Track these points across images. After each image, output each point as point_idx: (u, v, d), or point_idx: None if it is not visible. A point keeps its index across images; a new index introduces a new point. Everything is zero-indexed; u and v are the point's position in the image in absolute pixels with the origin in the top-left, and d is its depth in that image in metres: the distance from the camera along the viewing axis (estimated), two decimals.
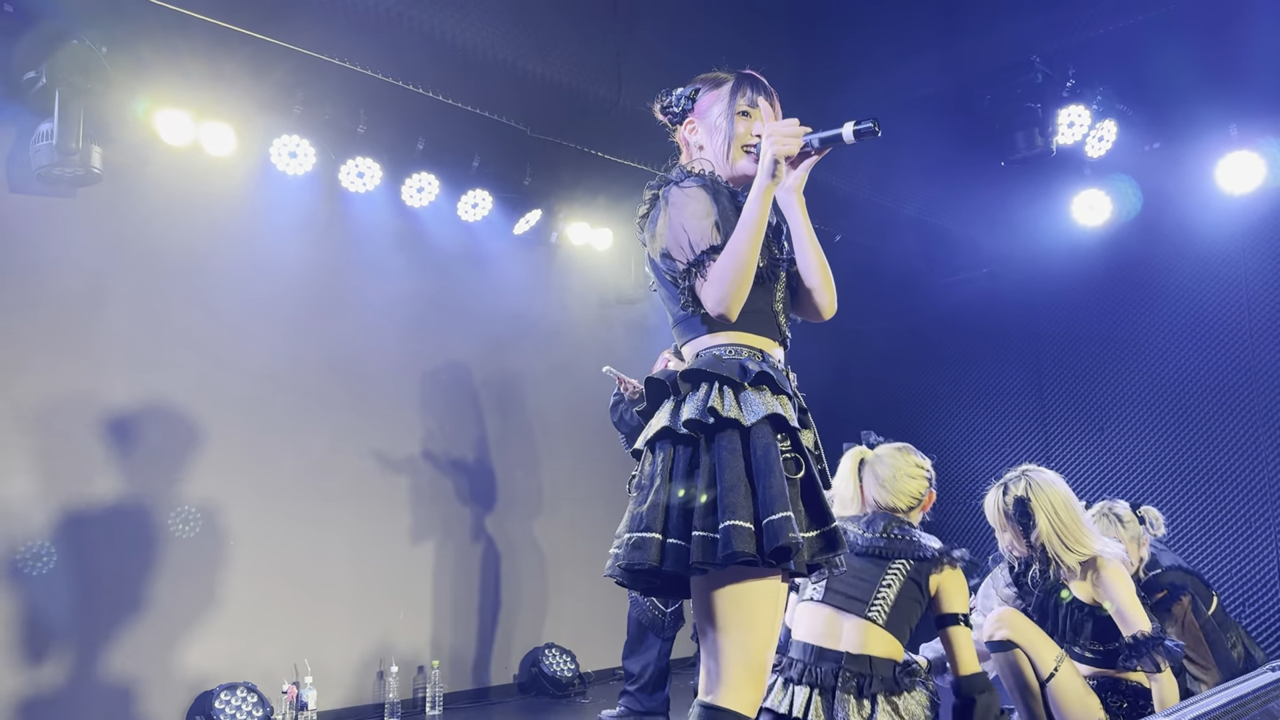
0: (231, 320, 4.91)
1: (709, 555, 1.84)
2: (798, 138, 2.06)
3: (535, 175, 5.66)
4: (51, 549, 4.29)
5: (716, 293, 1.98)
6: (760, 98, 2.23)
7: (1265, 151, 5.25)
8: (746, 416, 1.93)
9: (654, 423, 2.05)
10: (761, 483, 1.87)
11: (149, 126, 4.48)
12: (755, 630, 1.92)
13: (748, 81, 2.26)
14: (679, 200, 2.10)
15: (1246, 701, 1.24)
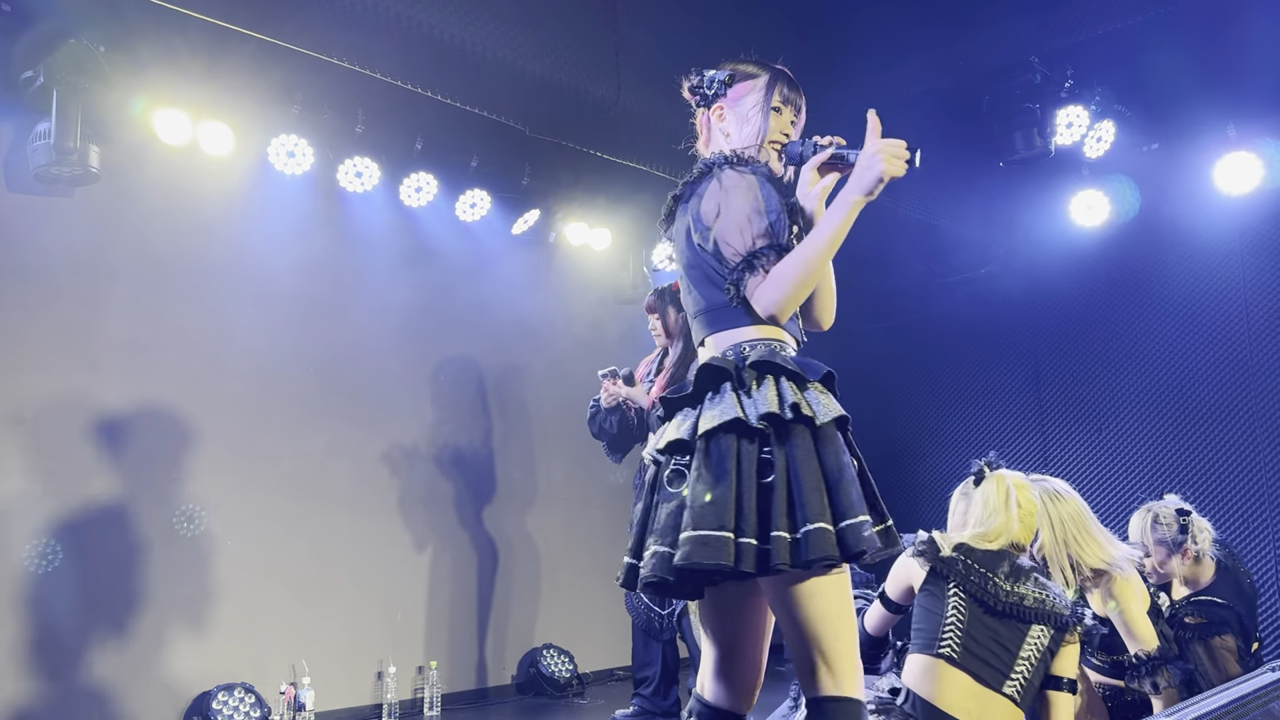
0: (229, 320, 4.90)
1: (795, 558, 1.80)
2: (903, 160, 2.01)
3: (534, 175, 5.66)
4: (48, 549, 4.28)
5: (775, 294, 1.94)
6: (794, 96, 2.23)
7: (1263, 152, 5.25)
8: (819, 415, 1.90)
9: (716, 413, 1.93)
10: (836, 484, 1.84)
11: (147, 126, 4.47)
12: (850, 619, 1.91)
13: (783, 79, 2.24)
14: (739, 186, 2.04)
15: (1248, 701, 1.24)
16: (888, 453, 7.11)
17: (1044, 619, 2.55)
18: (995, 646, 2.54)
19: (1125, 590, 2.93)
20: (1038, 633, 2.54)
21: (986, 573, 2.57)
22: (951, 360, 6.99)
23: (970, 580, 2.56)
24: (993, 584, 2.56)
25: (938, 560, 2.60)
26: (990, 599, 2.54)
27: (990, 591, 2.54)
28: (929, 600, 2.61)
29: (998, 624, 2.55)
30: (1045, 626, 2.55)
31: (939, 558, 2.61)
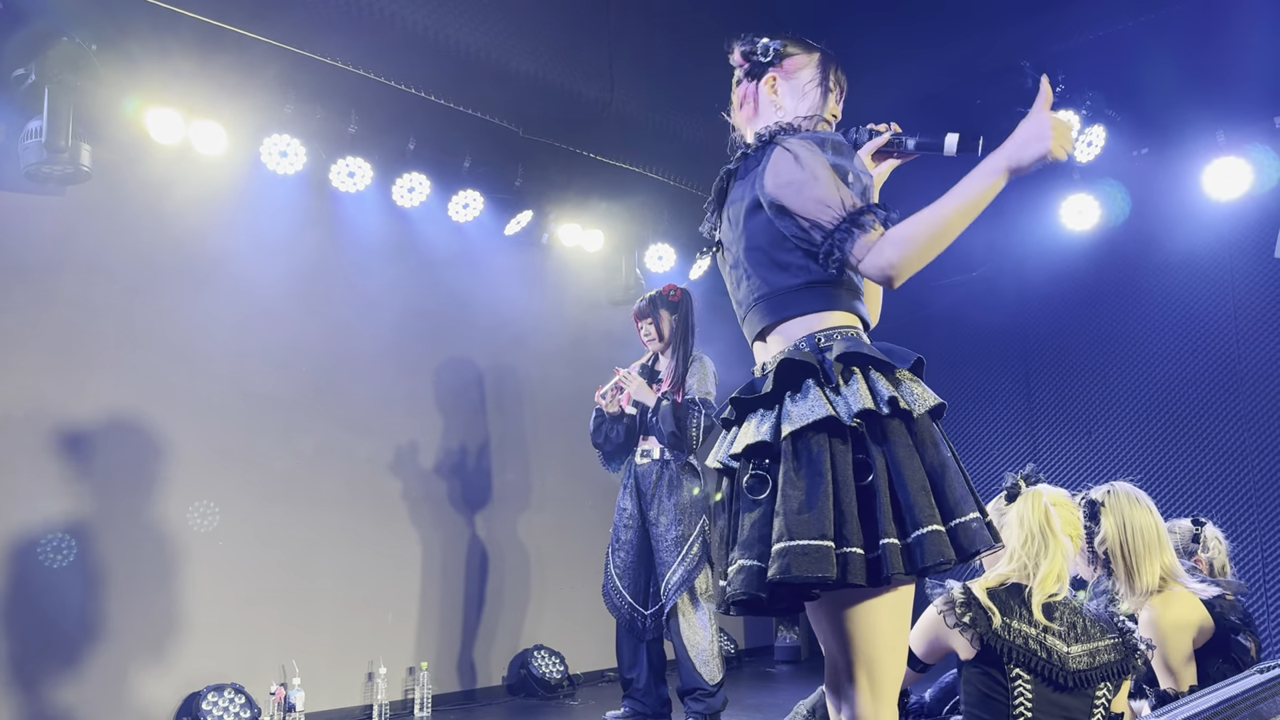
0: (221, 320, 4.89)
1: (910, 565, 1.65)
2: (1070, 144, 1.79)
3: (527, 176, 5.66)
4: (38, 550, 4.27)
5: (897, 254, 1.77)
6: (843, 80, 2.12)
7: (1252, 157, 5.28)
8: (916, 407, 1.77)
9: (803, 411, 1.76)
10: (940, 480, 1.70)
11: (139, 124, 4.46)
12: (904, 641, 1.77)
13: (835, 61, 2.13)
14: (814, 152, 1.87)
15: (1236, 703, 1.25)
16: None
17: (1108, 675, 2.29)
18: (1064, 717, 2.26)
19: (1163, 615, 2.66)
20: (1102, 690, 2.30)
21: (1048, 642, 2.24)
22: (942, 362, 7.01)
23: (1035, 656, 2.22)
24: (1057, 655, 2.23)
25: (991, 635, 2.23)
26: (1058, 674, 2.22)
27: (1057, 665, 2.22)
28: (986, 684, 2.26)
29: (1067, 698, 2.25)
30: (1109, 682, 2.30)
31: (993, 632, 2.23)
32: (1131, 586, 2.69)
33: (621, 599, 4.63)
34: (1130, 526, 2.72)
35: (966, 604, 2.26)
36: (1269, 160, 5.25)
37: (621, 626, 4.66)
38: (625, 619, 4.63)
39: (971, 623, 2.23)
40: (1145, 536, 2.71)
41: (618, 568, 4.67)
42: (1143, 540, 2.70)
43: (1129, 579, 2.69)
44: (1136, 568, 2.68)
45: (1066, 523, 2.36)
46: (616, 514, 4.72)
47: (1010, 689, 2.22)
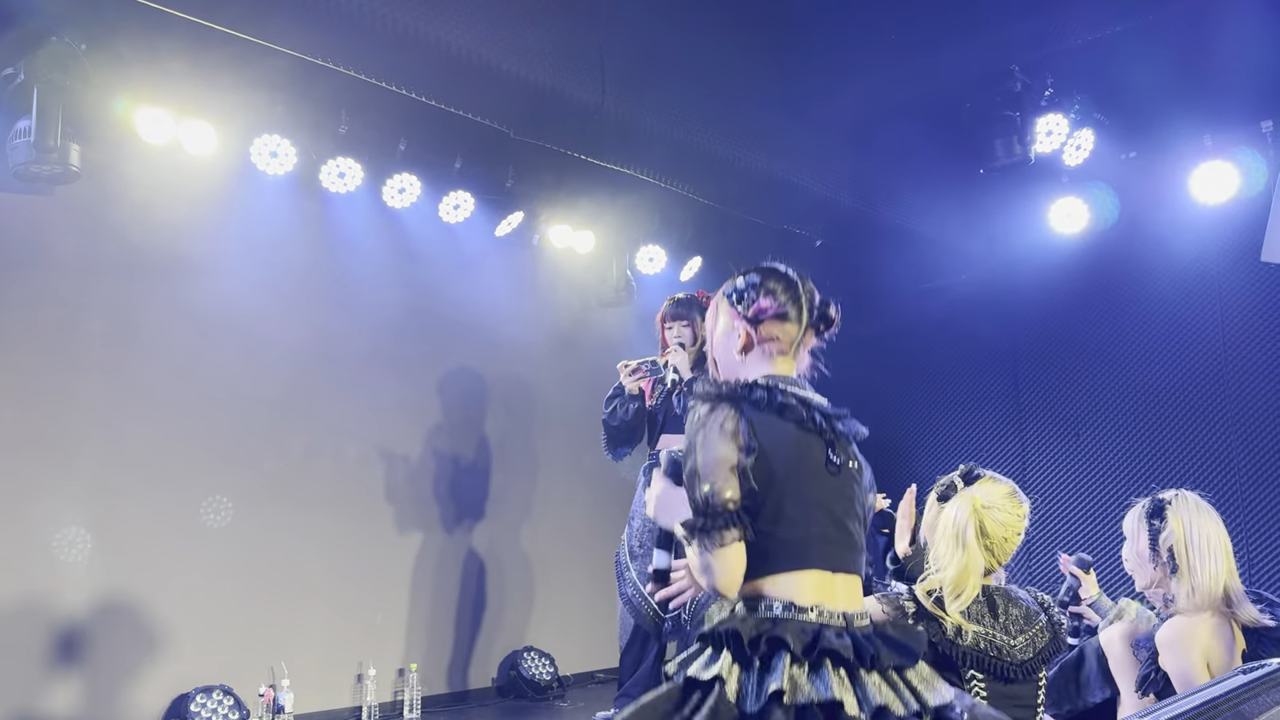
0: (210, 320, 4.87)
1: None
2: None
3: (518, 177, 5.66)
4: (24, 551, 4.24)
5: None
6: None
7: (1239, 161, 5.32)
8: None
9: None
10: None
11: (128, 124, 4.44)
12: None
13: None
14: None
15: (1219, 703, 1.26)
16: (869, 455, 7.14)
17: (1046, 658, 2.35)
18: (1021, 711, 2.30)
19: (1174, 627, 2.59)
20: (1043, 672, 2.36)
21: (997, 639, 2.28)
22: (932, 365, 7.04)
23: (986, 655, 2.26)
24: (1005, 650, 2.28)
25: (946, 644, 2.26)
26: (1008, 669, 2.27)
27: (1006, 660, 2.27)
28: None
29: (1017, 688, 2.30)
30: (1046, 664, 2.37)
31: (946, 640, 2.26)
32: (1194, 586, 2.61)
33: (647, 606, 4.47)
34: (1196, 529, 2.66)
35: (918, 614, 2.26)
36: (1256, 164, 5.28)
37: (641, 632, 4.52)
38: (648, 622, 4.48)
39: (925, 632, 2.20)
40: (1211, 544, 2.65)
41: (641, 574, 4.48)
42: (1208, 546, 2.64)
43: (1190, 579, 2.62)
44: (1199, 570, 2.61)
45: (1003, 524, 2.34)
46: (637, 519, 4.56)
47: (966, 689, 2.25)
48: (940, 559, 2.34)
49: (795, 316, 2.04)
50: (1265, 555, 5.53)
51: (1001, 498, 2.37)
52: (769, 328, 2.03)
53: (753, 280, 2.09)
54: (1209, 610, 2.59)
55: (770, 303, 2.04)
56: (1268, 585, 5.49)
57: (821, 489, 1.92)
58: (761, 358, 2.02)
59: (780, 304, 2.04)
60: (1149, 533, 2.73)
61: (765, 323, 2.03)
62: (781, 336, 2.03)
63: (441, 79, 4.26)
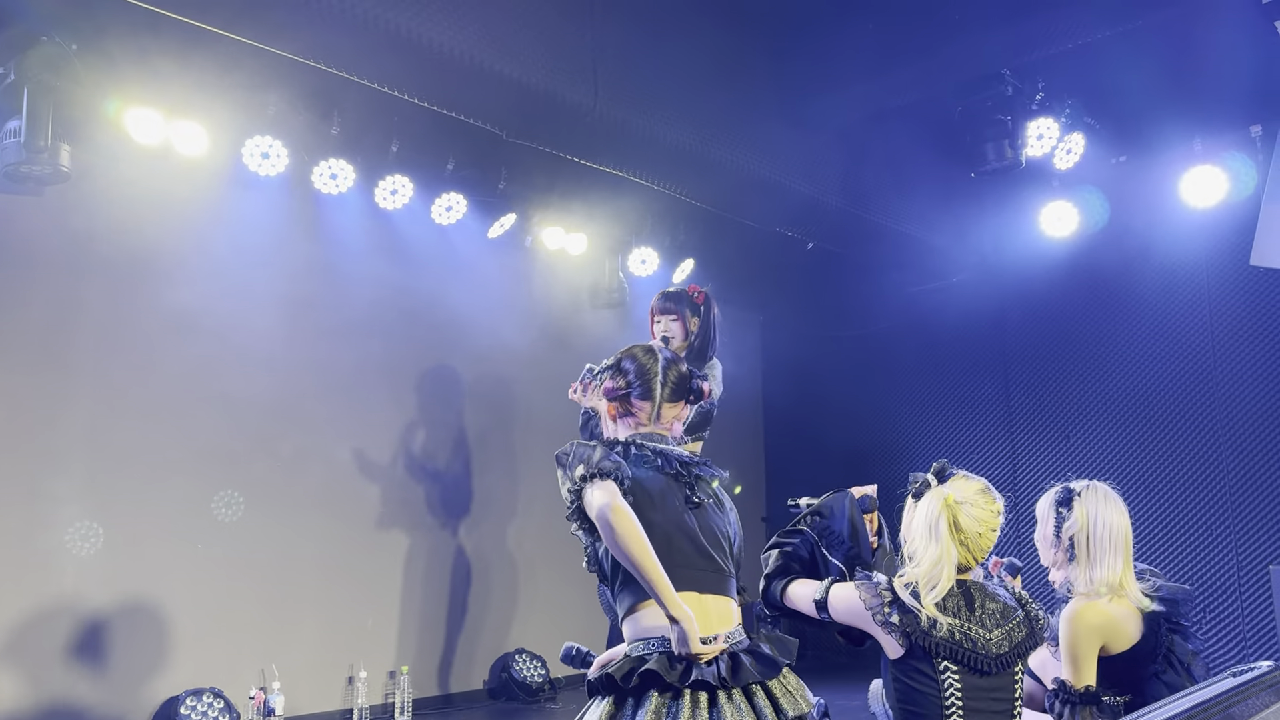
0: (202, 321, 4.86)
1: None
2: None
3: (510, 179, 5.66)
4: (11, 553, 4.22)
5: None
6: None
7: (1228, 166, 5.35)
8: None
9: None
10: None
11: (119, 125, 4.43)
12: None
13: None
14: None
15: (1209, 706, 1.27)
16: (860, 457, 7.17)
17: (1022, 652, 2.37)
18: (996, 705, 2.32)
19: (1067, 616, 2.71)
20: (1019, 667, 2.37)
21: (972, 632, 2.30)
22: (923, 367, 7.06)
23: (961, 648, 2.28)
24: (981, 643, 2.29)
25: (920, 635, 2.27)
26: (983, 662, 2.28)
27: (981, 653, 2.29)
28: (917, 680, 2.30)
29: (992, 681, 2.31)
30: (1022, 658, 2.38)
31: (921, 631, 2.28)
32: (1090, 578, 2.73)
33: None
34: (1100, 520, 2.76)
35: (894, 603, 2.30)
36: (1245, 168, 5.31)
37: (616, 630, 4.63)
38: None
39: (900, 623, 2.27)
40: (1113, 535, 2.75)
41: None
42: (1109, 537, 2.74)
43: (1089, 570, 2.73)
44: (1098, 561, 2.73)
45: (977, 520, 2.38)
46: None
47: (940, 682, 2.28)
48: (915, 552, 2.38)
49: (646, 394, 2.39)
50: (1252, 556, 5.56)
51: (974, 494, 2.41)
52: (624, 404, 2.41)
53: (608, 364, 2.45)
54: (1106, 596, 2.71)
55: (616, 384, 2.41)
56: (1255, 586, 5.52)
57: (685, 523, 2.26)
58: (626, 425, 2.42)
59: (628, 385, 2.40)
60: (1055, 519, 2.84)
61: (618, 400, 2.41)
62: (638, 411, 2.40)
63: (434, 81, 4.26)
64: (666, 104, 4.86)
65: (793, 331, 7.81)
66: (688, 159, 5.06)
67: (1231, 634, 5.55)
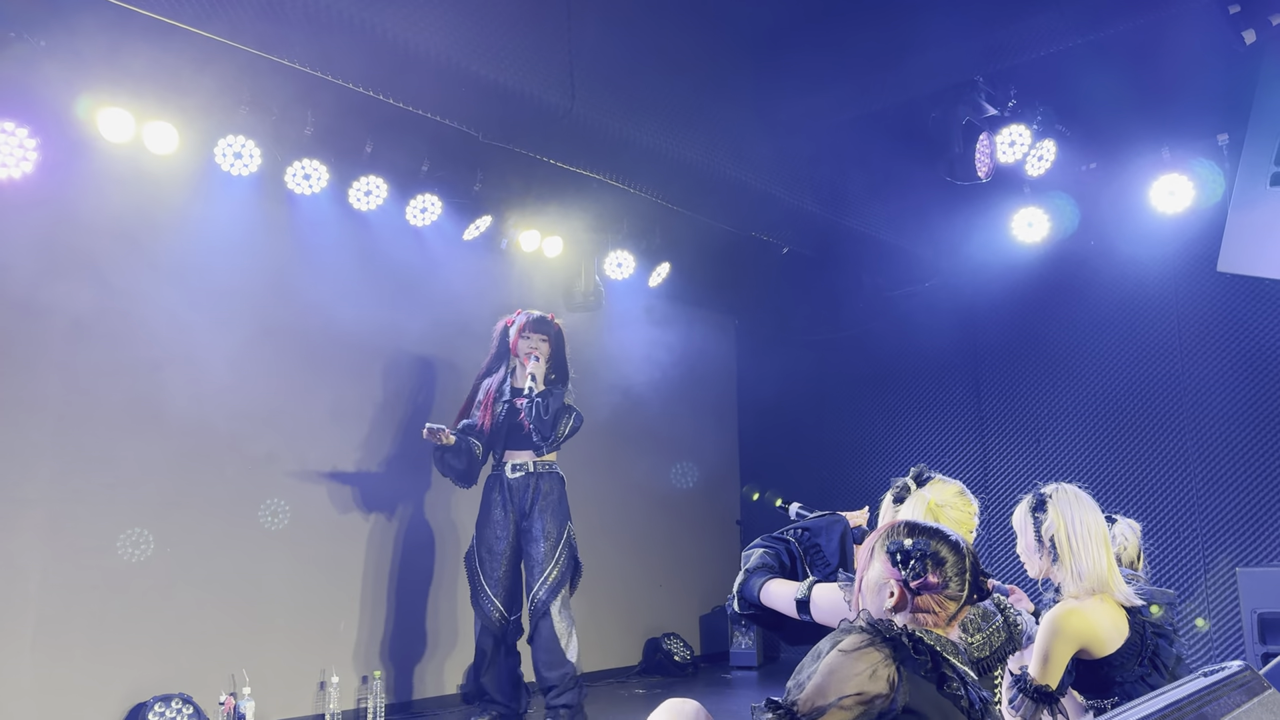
0: (172, 322, 4.80)
1: None
2: None
3: (486, 181, 5.64)
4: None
5: None
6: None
7: (1196, 173, 5.43)
8: None
9: None
10: None
11: (89, 123, 4.37)
12: None
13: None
14: None
15: (1183, 705, 1.29)
16: (831, 460, 7.22)
17: (1002, 656, 2.37)
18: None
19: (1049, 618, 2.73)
20: (1000, 671, 2.38)
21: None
22: (895, 371, 7.11)
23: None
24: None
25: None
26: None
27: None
28: None
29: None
30: (1002, 662, 2.39)
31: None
32: (1078, 573, 2.76)
33: (494, 606, 4.92)
34: (1076, 516, 2.80)
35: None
36: (1212, 176, 5.40)
37: (488, 632, 4.93)
38: (496, 625, 4.92)
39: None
40: (1091, 532, 2.78)
41: (489, 578, 4.97)
42: (1088, 533, 2.78)
43: (1074, 565, 2.76)
44: (1081, 554, 2.76)
45: (956, 522, 2.40)
46: (486, 526, 5.00)
47: None
48: None
49: (955, 594, 1.90)
50: (1218, 558, 5.64)
51: (952, 496, 2.44)
52: (926, 600, 1.89)
53: (915, 548, 1.91)
54: (1095, 594, 2.73)
55: (932, 579, 1.89)
56: (1222, 588, 5.60)
57: None
58: (904, 615, 1.89)
59: (944, 580, 1.89)
60: (1033, 525, 2.87)
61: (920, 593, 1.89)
62: (938, 609, 1.89)
63: (409, 81, 4.24)
64: (643, 107, 4.86)
65: (767, 335, 7.84)
66: (664, 162, 5.07)
67: (1199, 635, 5.63)
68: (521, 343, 5.01)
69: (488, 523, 5.00)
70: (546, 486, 4.97)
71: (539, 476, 4.98)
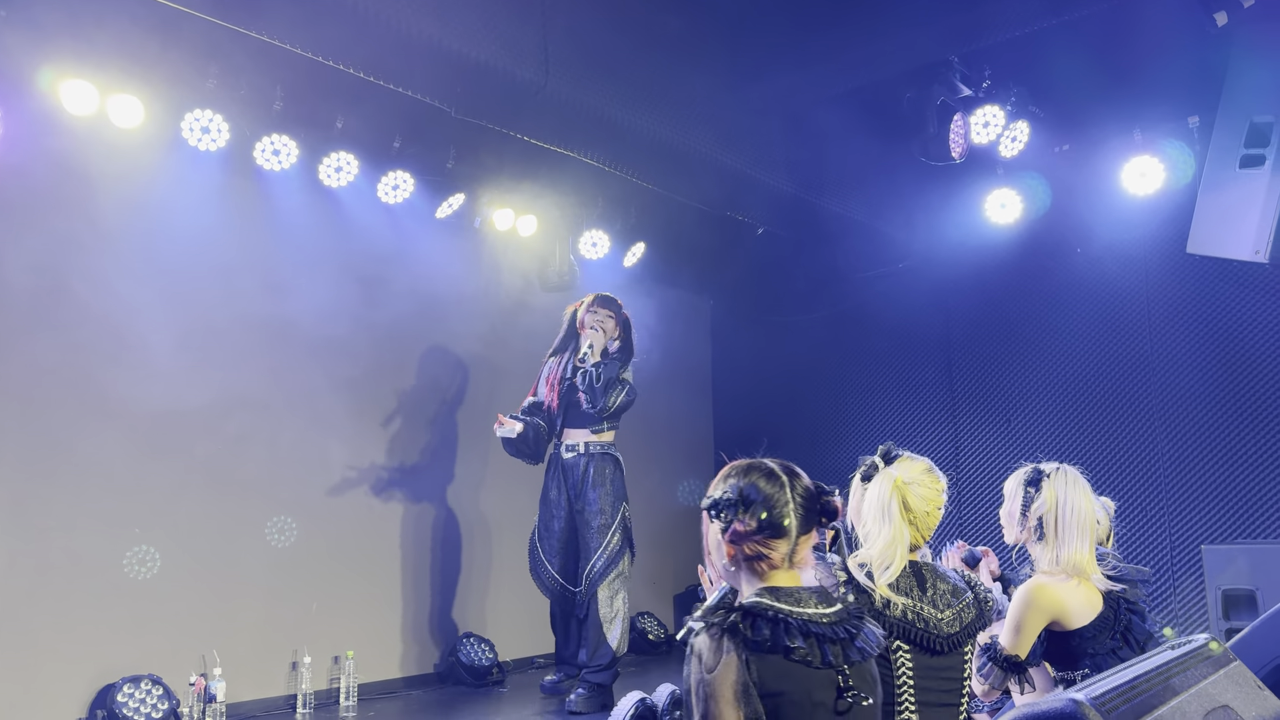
0: (138, 300, 4.72)
1: None
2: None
3: (459, 158, 5.58)
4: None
5: None
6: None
7: (1167, 155, 5.47)
8: None
9: None
10: None
11: (51, 95, 4.28)
12: None
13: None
14: None
15: (1150, 676, 1.30)
16: (805, 440, 7.24)
17: (972, 632, 2.38)
18: (946, 684, 2.32)
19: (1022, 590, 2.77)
20: (969, 647, 2.39)
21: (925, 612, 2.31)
22: (868, 352, 7.14)
23: (914, 628, 2.28)
24: (933, 623, 2.30)
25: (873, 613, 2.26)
26: (934, 641, 2.30)
27: (933, 633, 2.30)
28: None
29: (943, 661, 2.31)
30: (972, 638, 2.40)
31: (874, 610, 2.27)
32: (1057, 557, 2.79)
33: (552, 578, 5.07)
34: (1069, 503, 2.82)
35: (849, 583, 2.31)
36: (1183, 158, 5.43)
37: (555, 604, 5.12)
38: (557, 597, 5.08)
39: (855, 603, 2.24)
40: (1080, 518, 2.81)
41: (548, 552, 5.11)
42: (1076, 520, 2.81)
43: (1056, 549, 2.80)
44: (1065, 541, 2.79)
45: (924, 499, 2.41)
46: (544, 505, 5.14)
47: (893, 662, 2.29)
48: (868, 534, 2.40)
49: (779, 531, 1.84)
50: (1184, 536, 5.72)
51: (920, 473, 2.45)
52: (753, 547, 1.83)
53: (723, 496, 1.86)
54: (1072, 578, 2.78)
55: (746, 525, 1.83)
56: (1187, 566, 5.69)
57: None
58: (750, 575, 1.86)
59: (759, 524, 1.83)
60: (1023, 498, 2.90)
61: (743, 542, 1.84)
62: (771, 553, 1.84)
63: (380, 55, 4.18)
64: (618, 83, 4.83)
65: (742, 316, 7.84)
66: (639, 139, 5.04)
67: (1164, 611, 5.72)
68: (588, 317, 5.06)
69: (545, 501, 5.11)
70: (599, 466, 4.98)
71: (592, 457, 5.01)
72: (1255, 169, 4.92)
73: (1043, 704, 1.14)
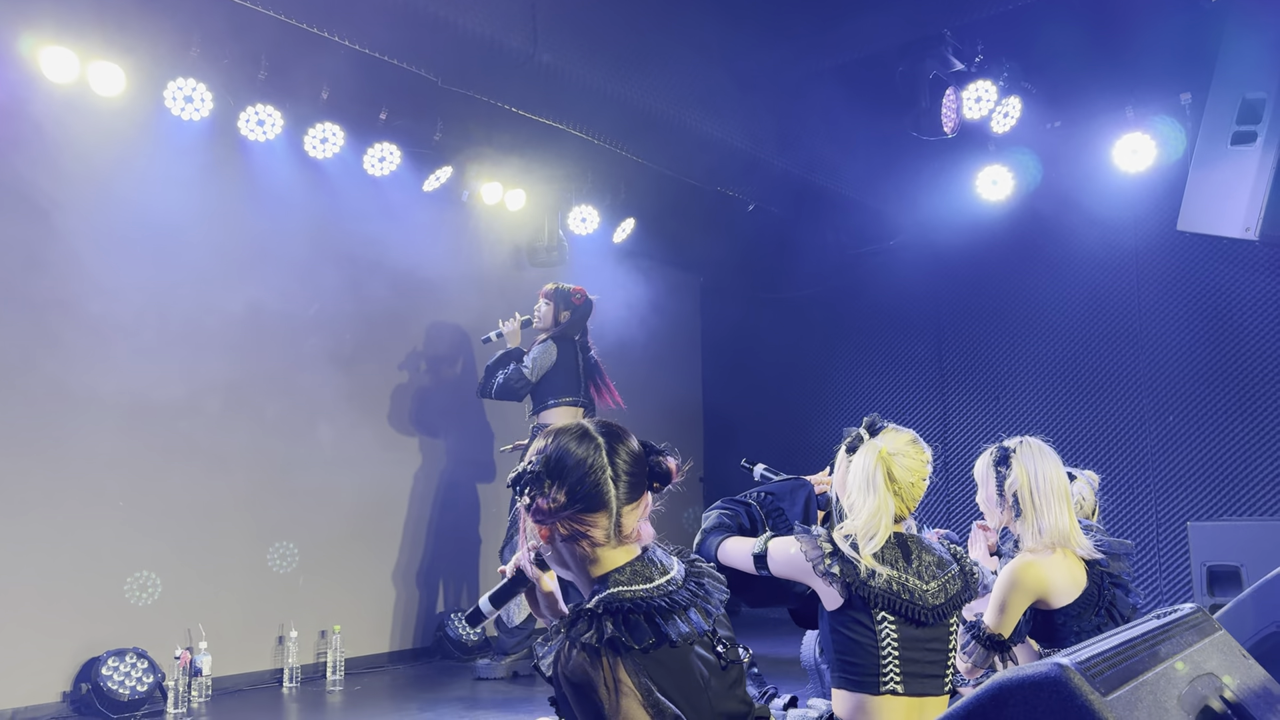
0: (120, 270, 4.67)
1: None
2: None
3: (446, 131, 5.52)
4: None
5: None
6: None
7: (1158, 132, 5.45)
8: None
9: None
10: None
11: (31, 62, 4.21)
12: None
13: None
14: None
15: (1136, 643, 1.30)
16: (796, 416, 7.24)
17: (957, 604, 2.39)
18: (931, 655, 2.34)
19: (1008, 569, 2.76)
20: (954, 619, 2.40)
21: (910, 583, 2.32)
22: (860, 327, 7.13)
23: (899, 599, 2.29)
24: (918, 594, 2.31)
25: (859, 584, 2.28)
26: (920, 612, 2.31)
27: (919, 604, 2.31)
28: (855, 630, 2.31)
29: (928, 633, 2.33)
30: (958, 610, 2.41)
31: (860, 581, 2.28)
32: (1040, 528, 2.78)
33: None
34: (1040, 472, 2.81)
35: (834, 554, 2.32)
36: (1174, 135, 5.42)
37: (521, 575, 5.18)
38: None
39: (840, 574, 2.29)
40: (1055, 488, 2.80)
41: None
42: (1051, 490, 2.79)
43: (1036, 521, 2.78)
44: (1044, 510, 2.78)
45: (909, 469, 2.41)
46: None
47: (877, 632, 2.31)
48: (853, 505, 2.40)
49: (597, 503, 1.60)
50: (1170, 513, 5.75)
51: (905, 444, 2.44)
52: (568, 525, 1.60)
53: (528, 469, 1.62)
54: (1057, 549, 2.76)
55: (551, 501, 1.60)
56: (1173, 541, 5.72)
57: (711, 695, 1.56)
58: (576, 555, 1.64)
59: (568, 498, 1.60)
60: (996, 479, 2.88)
61: (557, 522, 1.60)
62: (590, 530, 1.61)
63: (366, 23, 4.12)
64: (607, 54, 4.77)
65: (732, 292, 7.82)
66: (628, 112, 4.99)
67: (1149, 587, 5.75)
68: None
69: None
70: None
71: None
72: (1247, 146, 4.90)
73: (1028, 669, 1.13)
